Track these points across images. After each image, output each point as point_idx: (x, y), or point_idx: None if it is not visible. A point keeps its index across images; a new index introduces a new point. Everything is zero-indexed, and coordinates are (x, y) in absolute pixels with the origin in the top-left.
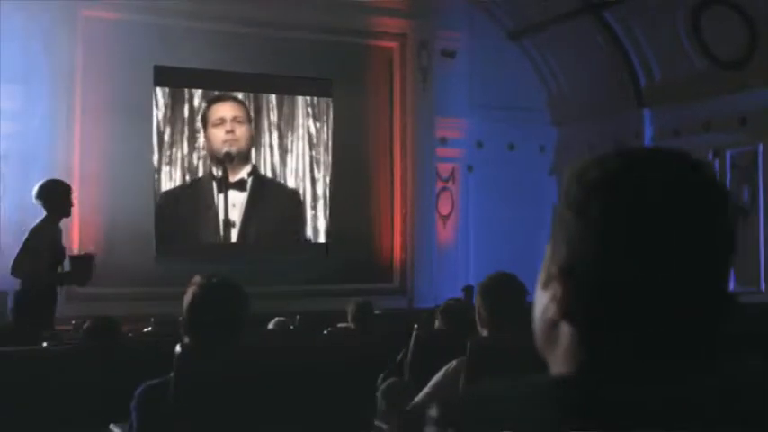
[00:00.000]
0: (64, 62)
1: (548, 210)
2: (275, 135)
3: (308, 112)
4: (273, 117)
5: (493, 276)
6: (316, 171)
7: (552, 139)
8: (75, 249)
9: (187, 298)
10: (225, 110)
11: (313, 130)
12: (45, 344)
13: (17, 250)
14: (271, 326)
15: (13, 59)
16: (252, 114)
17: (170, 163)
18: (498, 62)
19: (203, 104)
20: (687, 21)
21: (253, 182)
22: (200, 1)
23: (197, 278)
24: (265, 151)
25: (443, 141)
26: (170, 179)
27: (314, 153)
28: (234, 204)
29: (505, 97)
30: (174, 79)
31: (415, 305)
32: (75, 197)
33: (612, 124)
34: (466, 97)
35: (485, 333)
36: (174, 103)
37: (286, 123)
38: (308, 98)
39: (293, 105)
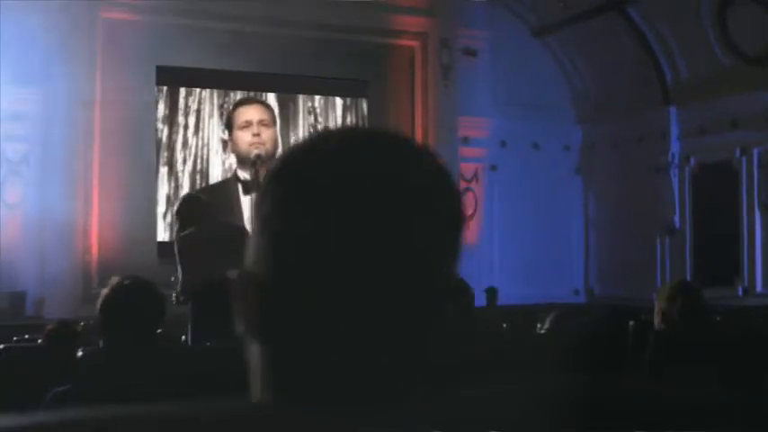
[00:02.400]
0: (83, 64)
1: (574, 209)
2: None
3: (309, 111)
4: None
5: None
6: None
7: (577, 137)
8: None
9: (100, 300)
10: (251, 113)
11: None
12: None
13: (35, 252)
14: None
15: (32, 62)
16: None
17: (185, 164)
18: (522, 60)
19: (224, 106)
20: (713, 16)
21: None
22: (219, 2)
23: (113, 279)
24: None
25: (466, 141)
26: (185, 181)
27: None
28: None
29: (529, 95)
30: (189, 80)
31: None
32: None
33: (638, 122)
34: (489, 96)
35: None
36: (192, 105)
37: (286, 123)
38: (308, 100)
39: (296, 106)
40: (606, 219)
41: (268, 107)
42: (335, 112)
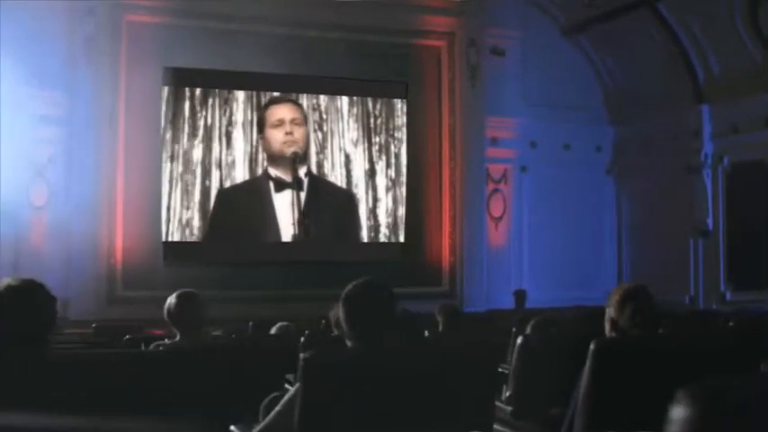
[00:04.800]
0: (107, 67)
1: (606, 211)
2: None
3: (313, 108)
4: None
5: (356, 284)
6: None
7: (609, 137)
8: None
9: None
10: (283, 111)
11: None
12: None
13: (61, 254)
14: (273, 331)
15: (57, 66)
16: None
17: (222, 164)
18: (552, 59)
19: (227, 102)
20: (744, 12)
21: (309, 182)
22: (246, 4)
23: (1, 281)
24: None
25: (495, 142)
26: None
27: (321, 156)
28: (292, 204)
29: (560, 95)
30: (214, 82)
31: (464, 309)
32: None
33: (670, 121)
34: (518, 96)
35: (349, 345)
36: (220, 107)
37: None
38: (313, 98)
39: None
40: (639, 220)
41: (299, 106)
42: (341, 110)
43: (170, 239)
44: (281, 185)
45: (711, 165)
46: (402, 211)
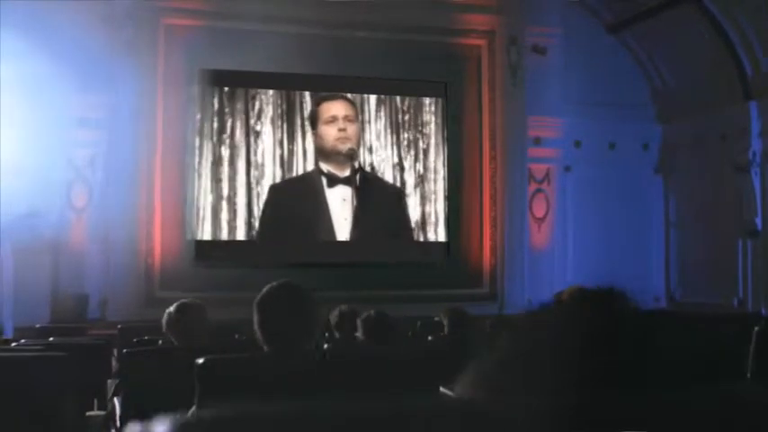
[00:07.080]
0: (146, 70)
1: (653, 211)
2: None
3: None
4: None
5: (270, 287)
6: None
7: (656, 136)
8: None
9: None
10: (336, 108)
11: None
12: None
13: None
14: None
15: (97, 69)
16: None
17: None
18: (596, 56)
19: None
20: None
21: (360, 178)
22: (281, 5)
23: None
24: None
25: (537, 141)
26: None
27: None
28: (344, 199)
29: (604, 93)
30: (252, 83)
31: (505, 312)
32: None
33: (718, 119)
34: (561, 94)
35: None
36: (255, 107)
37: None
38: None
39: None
40: (687, 220)
41: (352, 103)
42: (369, 106)
43: (204, 238)
44: (333, 181)
45: (760, 163)
46: (429, 207)
